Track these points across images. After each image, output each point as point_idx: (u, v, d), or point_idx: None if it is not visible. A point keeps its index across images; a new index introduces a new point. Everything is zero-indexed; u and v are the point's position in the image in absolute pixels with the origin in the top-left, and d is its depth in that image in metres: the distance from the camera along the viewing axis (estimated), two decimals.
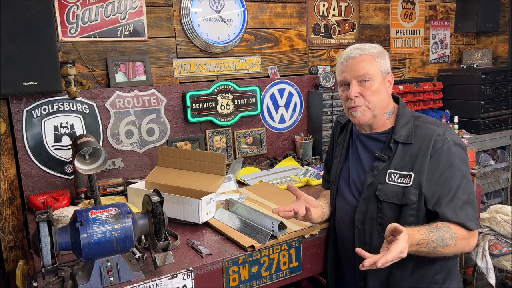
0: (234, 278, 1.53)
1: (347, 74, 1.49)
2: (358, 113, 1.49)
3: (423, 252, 1.35)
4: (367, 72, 1.46)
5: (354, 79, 1.47)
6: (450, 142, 1.40)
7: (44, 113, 2.18)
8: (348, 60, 1.49)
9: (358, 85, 1.47)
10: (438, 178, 1.39)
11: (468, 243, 1.41)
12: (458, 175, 1.39)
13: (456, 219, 1.37)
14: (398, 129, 1.48)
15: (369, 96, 1.47)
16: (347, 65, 1.49)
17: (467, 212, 1.39)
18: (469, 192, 1.41)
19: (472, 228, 1.39)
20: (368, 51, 1.48)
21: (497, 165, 3.66)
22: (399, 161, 1.44)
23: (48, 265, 1.22)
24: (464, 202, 1.39)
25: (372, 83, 1.46)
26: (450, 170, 1.39)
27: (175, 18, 2.57)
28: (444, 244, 1.34)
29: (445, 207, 1.38)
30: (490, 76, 3.45)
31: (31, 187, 2.19)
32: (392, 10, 3.48)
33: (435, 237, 1.33)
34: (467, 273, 3.16)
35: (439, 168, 1.39)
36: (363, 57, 1.47)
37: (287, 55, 2.99)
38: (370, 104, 1.47)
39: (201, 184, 1.86)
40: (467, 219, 1.38)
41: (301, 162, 2.72)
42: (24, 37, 1.89)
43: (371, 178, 1.48)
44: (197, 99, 2.51)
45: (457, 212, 1.38)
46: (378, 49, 1.51)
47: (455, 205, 1.38)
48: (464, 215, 1.38)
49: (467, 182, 1.41)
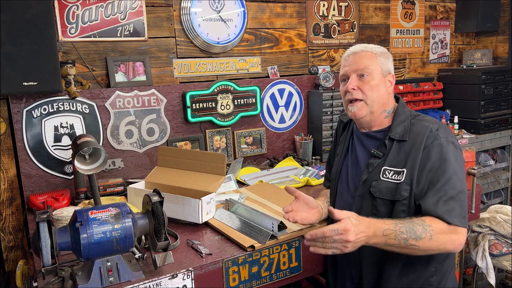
0: (234, 278, 1.53)
1: (347, 68, 1.51)
2: (355, 107, 1.49)
3: (395, 245, 1.31)
4: (366, 66, 1.47)
5: (353, 73, 1.49)
6: (442, 138, 1.39)
7: (44, 113, 2.18)
8: (350, 55, 1.52)
9: (357, 79, 1.48)
10: (428, 172, 1.37)
11: (450, 239, 1.33)
12: (449, 170, 1.36)
13: (434, 211, 1.33)
14: (394, 126, 1.48)
15: (367, 91, 1.47)
16: (348, 59, 1.51)
17: (451, 207, 1.33)
18: (458, 190, 1.36)
19: (452, 222, 1.32)
20: (371, 49, 1.51)
21: (497, 165, 3.66)
22: (393, 158, 1.44)
23: (48, 265, 1.22)
24: (450, 197, 1.34)
25: (370, 78, 1.47)
26: (441, 164, 1.37)
27: (175, 18, 2.57)
28: (416, 236, 1.29)
29: (428, 198, 1.35)
30: (490, 76, 3.45)
31: (31, 187, 2.19)
32: (392, 10, 3.48)
33: (404, 228, 1.29)
34: (467, 273, 3.16)
35: (429, 162, 1.38)
36: (365, 53, 1.49)
37: (287, 55, 2.99)
38: (368, 99, 1.48)
39: (201, 184, 1.86)
40: (448, 214, 1.33)
41: (301, 162, 2.72)
42: (24, 37, 1.89)
43: (366, 175, 1.48)
44: (197, 99, 2.51)
45: (439, 205, 1.33)
46: (382, 49, 1.53)
47: (439, 198, 1.34)
48: (446, 209, 1.33)
49: (458, 180, 1.37)
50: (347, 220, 1.26)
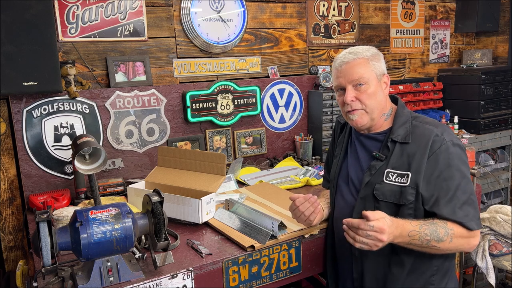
0: (234, 278, 1.53)
1: (342, 79, 1.50)
2: (356, 116, 1.49)
3: (417, 245, 1.35)
4: (361, 76, 1.46)
5: (349, 84, 1.48)
6: (448, 142, 1.40)
7: (44, 113, 2.18)
8: (342, 65, 1.49)
9: (353, 90, 1.47)
10: (436, 178, 1.39)
11: (468, 242, 1.41)
12: (457, 175, 1.39)
13: (454, 217, 1.37)
14: (396, 128, 1.48)
15: (366, 100, 1.47)
16: (341, 70, 1.50)
17: (466, 212, 1.38)
18: (469, 193, 1.40)
19: (472, 228, 1.38)
20: (362, 55, 1.48)
21: (497, 165, 3.66)
22: (396, 160, 1.45)
23: (48, 265, 1.22)
24: (463, 202, 1.38)
25: (367, 86, 1.47)
26: (449, 170, 1.39)
27: (175, 18, 2.57)
28: (438, 238, 1.34)
29: (443, 208, 1.38)
30: (490, 76, 3.45)
31: (31, 187, 2.19)
32: (392, 10, 3.48)
33: (429, 231, 1.34)
34: (467, 273, 3.16)
35: (437, 169, 1.39)
36: (357, 61, 1.47)
37: (287, 55, 2.99)
38: (367, 108, 1.48)
39: (201, 184, 1.86)
40: (467, 219, 1.37)
41: (301, 162, 2.72)
42: (24, 37, 1.89)
43: (369, 177, 1.48)
44: (197, 99, 2.51)
45: (456, 211, 1.37)
46: (371, 51, 1.50)
47: (454, 205, 1.38)
48: (463, 215, 1.37)
49: (467, 182, 1.40)
50: (383, 220, 1.28)
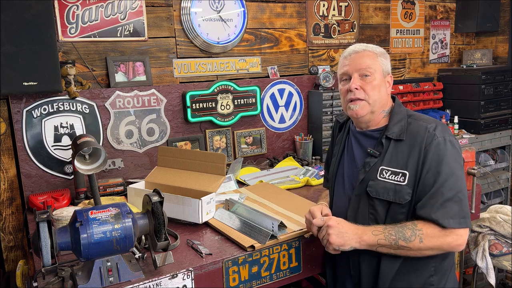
0: (234, 278, 1.53)
1: (348, 68, 1.50)
2: (357, 106, 1.49)
3: (386, 246, 1.36)
4: (369, 66, 1.47)
5: (356, 72, 1.48)
6: (439, 138, 1.39)
7: (44, 113, 2.18)
8: (352, 54, 1.51)
9: (359, 79, 1.48)
10: (425, 174, 1.38)
11: (445, 242, 1.34)
12: (445, 171, 1.36)
13: (429, 215, 1.34)
14: (391, 126, 1.48)
15: (370, 91, 1.47)
16: (350, 58, 1.51)
17: (449, 209, 1.34)
18: (457, 190, 1.36)
19: (447, 225, 1.33)
20: (372, 49, 1.51)
21: (497, 165, 3.66)
22: (390, 157, 1.44)
23: (48, 265, 1.22)
24: (447, 199, 1.34)
25: (373, 78, 1.47)
26: (438, 166, 1.37)
27: (175, 18, 2.57)
28: (405, 238, 1.33)
29: (423, 202, 1.36)
30: (490, 76, 3.45)
31: (31, 187, 2.19)
32: (392, 10, 3.48)
33: (394, 231, 1.35)
34: (467, 273, 3.16)
35: (427, 164, 1.38)
36: (366, 53, 1.49)
37: (287, 55, 2.99)
38: (370, 99, 1.48)
39: (201, 184, 1.86)
40: (444, 216, 1.33)
41: (301, 162, 2.72)
42: (24, 37, 1.89)
43: (363, 175, 1.48)
44: (197, 99, 2.51)
45: (434, 208, 1.34)
46: (381, 49, 1.54)
47: (435, 201, 1.35)
48: (443, 212, 1.33)
49: (456, 179, 1.37)
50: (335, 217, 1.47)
